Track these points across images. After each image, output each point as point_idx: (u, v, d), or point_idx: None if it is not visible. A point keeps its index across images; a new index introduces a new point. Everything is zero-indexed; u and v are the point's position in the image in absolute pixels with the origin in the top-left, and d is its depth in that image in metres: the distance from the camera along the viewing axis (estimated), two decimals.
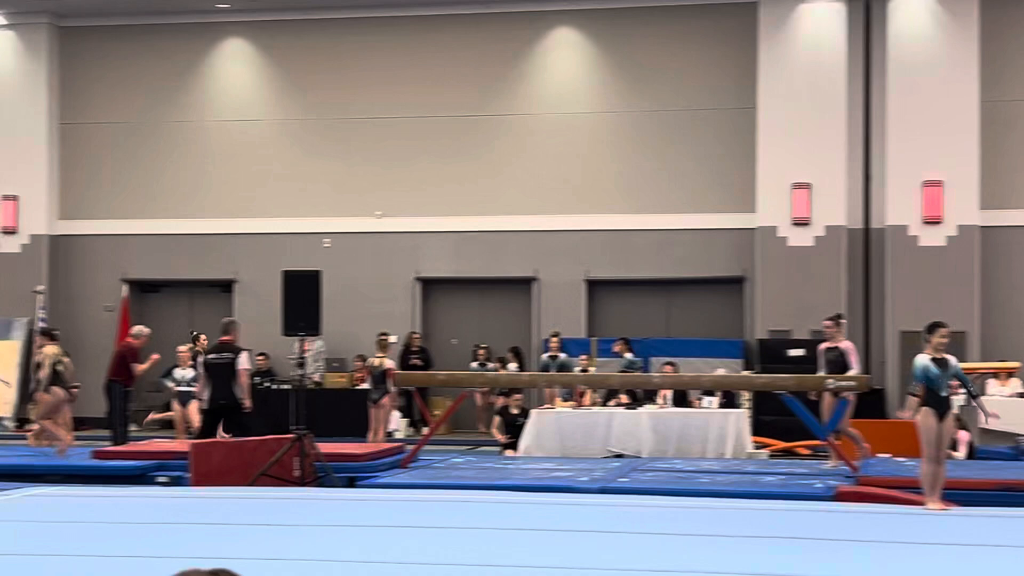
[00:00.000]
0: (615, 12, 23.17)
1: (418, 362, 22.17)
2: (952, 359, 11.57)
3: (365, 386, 21.90)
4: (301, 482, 13.36)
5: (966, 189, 21.13)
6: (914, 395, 11.57)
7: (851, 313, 21.64)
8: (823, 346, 15.09)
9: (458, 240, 23.47)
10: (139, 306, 24.36)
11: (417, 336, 22.82)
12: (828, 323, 15.10)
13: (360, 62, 23.90)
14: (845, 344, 14.79)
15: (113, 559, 8.72)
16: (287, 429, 14.16)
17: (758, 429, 19.40)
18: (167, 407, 19.11)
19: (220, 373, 14.82)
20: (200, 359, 15.80)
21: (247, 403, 14.75)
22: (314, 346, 22.20)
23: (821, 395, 14.75)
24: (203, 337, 18.02)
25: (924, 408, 11.43)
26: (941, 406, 11.40)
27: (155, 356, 18.02)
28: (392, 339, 19.03)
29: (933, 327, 11.58)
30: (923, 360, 11.45)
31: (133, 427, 18.96)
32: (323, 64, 24.05)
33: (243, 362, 14.77)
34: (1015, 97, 21.60)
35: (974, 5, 21.28)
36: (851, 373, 14.51)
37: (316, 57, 24.09)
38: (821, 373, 14.91)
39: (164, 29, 24.43)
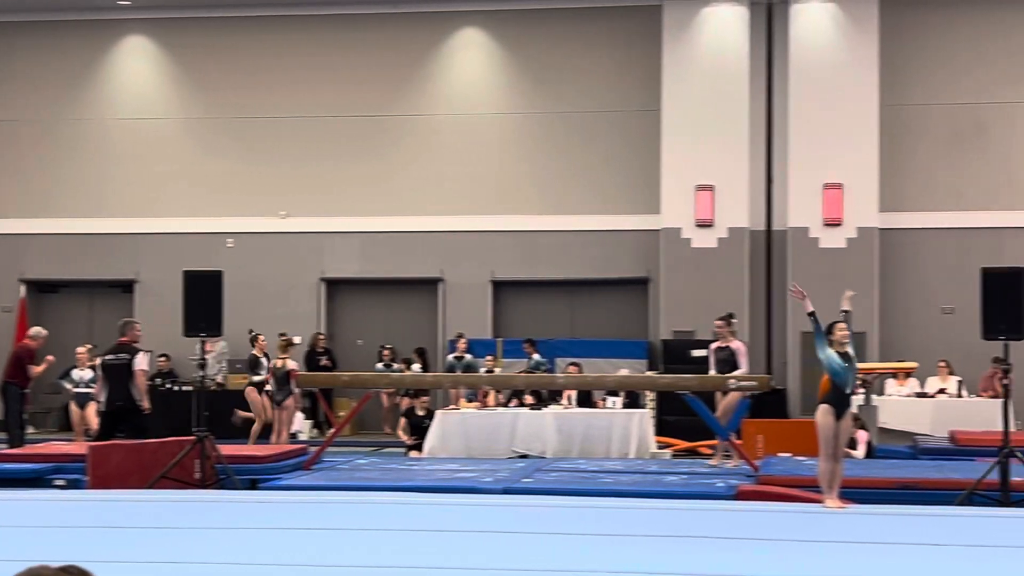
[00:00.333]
0: (521, 14, 23.22)
1: (327, 363, 22.02)
2: (852, 352, 11.70)
3: (270, 388, 21.77)
4: (202, 484, 13.20)
5: (866, 192, 21.45)
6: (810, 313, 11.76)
7: (753, 314, 21.89)
8: (714, 346, 15.20)
9: (364, 240, 23.36)
10: (37, 307, 23.94)
11: (323, 337, 22.67)
12: (719, 323, 15.22)
13: (265, 61, 23.70)
14: (736, 344, 14.88)
15: (7, 563, 8.54)
16: (189, 431, 13.97)
17: (661, 429, 19.54)
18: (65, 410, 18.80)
19: (117, 374, 14.58)
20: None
21: (145, 404, 14.53)
22: (216, 347, 21.94)
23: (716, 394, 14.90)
24: (261, 337, 18.23)
25: (823, 406, 11.55)
26: (841, 404, 11.54)
27: (50, 358, 17.69)
28: (296, 340, 18.88)
29: (831, 326, 11.73)
30: (831, 354, 11.56)
31: (31, 429, 18.62)
32: (227, 62, 23.81)
33: (139, 363, 14.53)
34: (914, 101, 21.97)
35: (874, 11, 21.61)
36: (738, 373, 14.63)
37: (219, 55, 23.84)
38: (712, 372, 15.05)
39: (63, 26, 24.03)
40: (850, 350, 11.64)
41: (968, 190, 21.77)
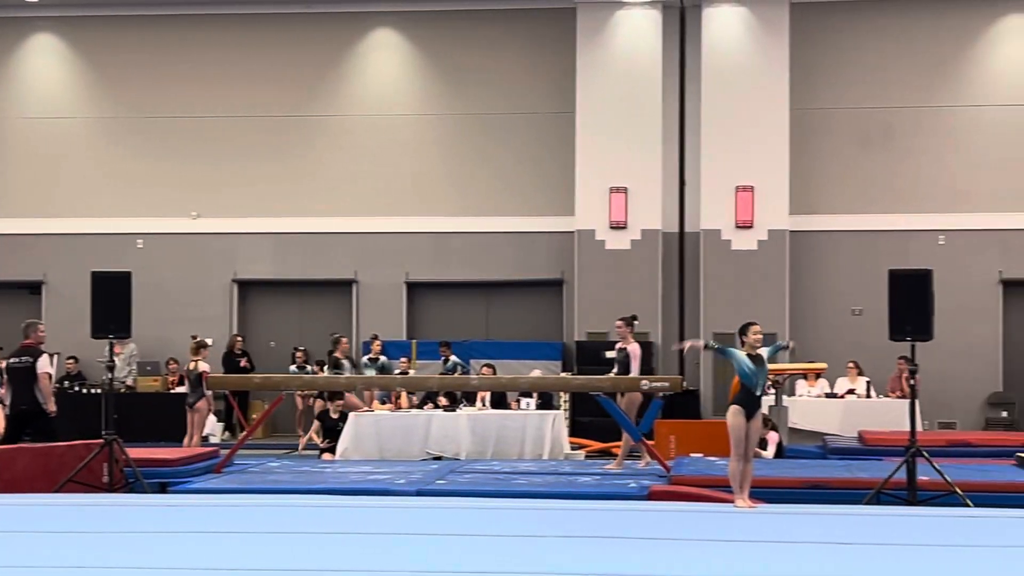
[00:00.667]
0: (435, 15, 23.19)
1: (247, 364, 21.82)
2: (765, 355, 11.79)
3: (181, 390, 21.53)
4: (110, 488, 13.01)
5: (776, 195, 21.68)
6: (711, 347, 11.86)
7: (666, 315, 22.04)
8: (618, 347, 15.25)
9: (276, 241, 23.20)
10: None
11: (240, 339, 22.45)
12: (619, 324, 15.29)
13: (176, 59, 23.45)
14: (632, 347, 14.92)
15: None
16: (97, 434, 13.77)
17: (575, 430, 19.62)
18: None
19: (20, 377, 14.32)
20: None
21: (51, 407, 14.28)
22: (126, 349, 21.68)
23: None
24: (344, 340, 18.60)
25: (734, 407, 11.65)
26: (752, 406, 11.64)
27: None
28: (208, 342, 18.66)
29: (746, 327, 11.82)
30: (741, 356, 11.66)
31: None
32: (137, 61, 23.53)
33: (43, 365, 14.27)
34: (823, 105, 22.25)
35: (784, 15, 21.85)
36: (631, 376, 14.68)
37: (129, 54, 23.55)
38: (611, 374, 15.11)
39: None
40: (763, 352, 11.74)
41: (876, 193, 22.08)
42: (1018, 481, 13.01)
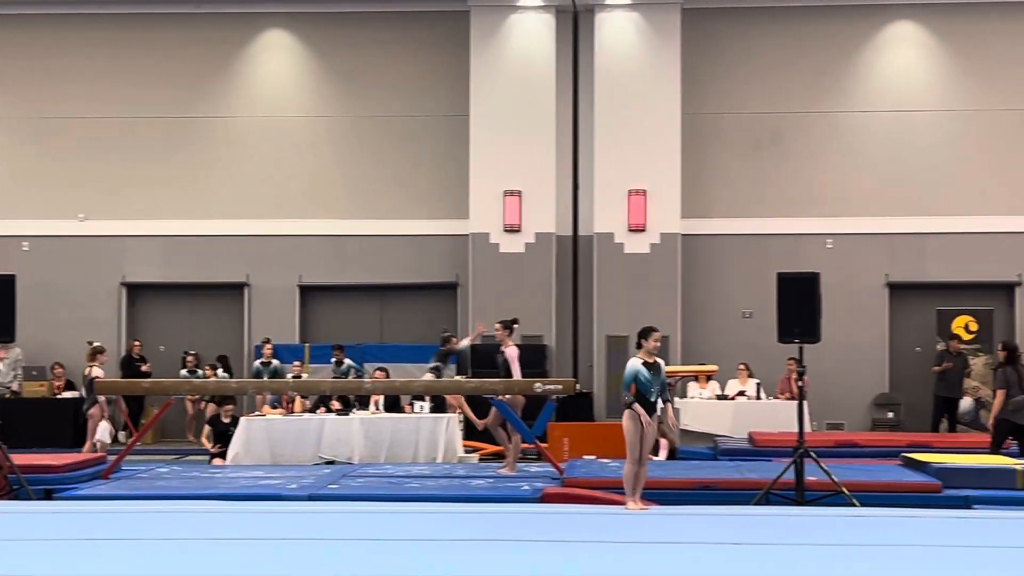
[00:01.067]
0: (328, 16, 23.04)
1: (147, 369, 21.44)
2: (662, 363, 11.86)
3: (68, 395, 21.15)
4: None
5: (668, 198, 21.86)
6: (627, 403, 11.75)
7: (560, 318, 22.11)
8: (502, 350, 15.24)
9: (166, 244, 22.87)
10: None
11: (138, 343, 22.07)
12: (498, 327, 15.33)
13: (63, 59, 23.01)
14: (509, 351, 14.96)
15: None
16: None
17: (469, 433, 19.57)
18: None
19: None
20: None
21: None
22: (11, 354, 21.22)
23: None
24: (454, 339, 18.51)
25: (629, 411, 11.69)
26: (648, 410, 11.67)
27: None
28: (96, 345, 18.33)
29: (647, 331, 11.84)
30: (636, 364, 11.69)
31: None
32: (23, 60, 23.05)
33: None
34: (715, 110, 22.47)
35: (676, 20, 22.04)
36: (514, 379, 14.71)
37: (15, 52, 23.06)
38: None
39: None
40: (659, 360, 11.78)
41: (766, 197, 22.36)
42: (903, 481, 13.26)
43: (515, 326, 15.25)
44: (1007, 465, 13.60)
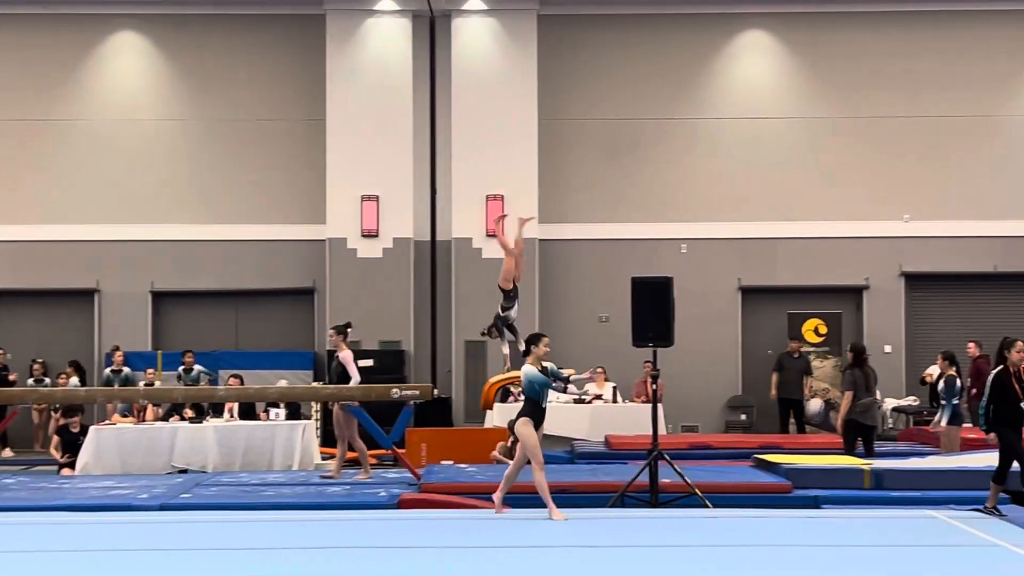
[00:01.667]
0: (181, 19, 22.68)
1: (14, 378, 20.74)
2: (550, 365, 11.77)
3: None
4: None
5: (526, 204, 21.89)
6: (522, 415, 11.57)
7: (418, 324, 22.07)
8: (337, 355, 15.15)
9: (12, 250, 22.28)
10: None
11: (3, 352, 21.38)
12: (331, 332, 15.26)
13: None
14: (344, 354, 14.89)
15: None
16: None
17: (327, 440, 19.41)
18: None
19: None
20: None
21: None
22: None
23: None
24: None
25: (524, 419, 11.56)
26: (540, 416, 11.59)
27: None
28: None
29: (537, 337, 11.71)
30: (533, 371, 11.55)
31: None
32: None
33: None
34: (572, 116, 22.63)
35: (533, 26, 22.15)
36: (353, 383, 14.64)
37: None
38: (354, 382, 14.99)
39: None
40: (549, 364, 11.70)
41: (622, 202, 22.58)
42: (754, 482, 13.49)
43: (348, 330, 15.15)
44: (855, 465, 13.92)
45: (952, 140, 22.46)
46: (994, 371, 12.15)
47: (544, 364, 11.68)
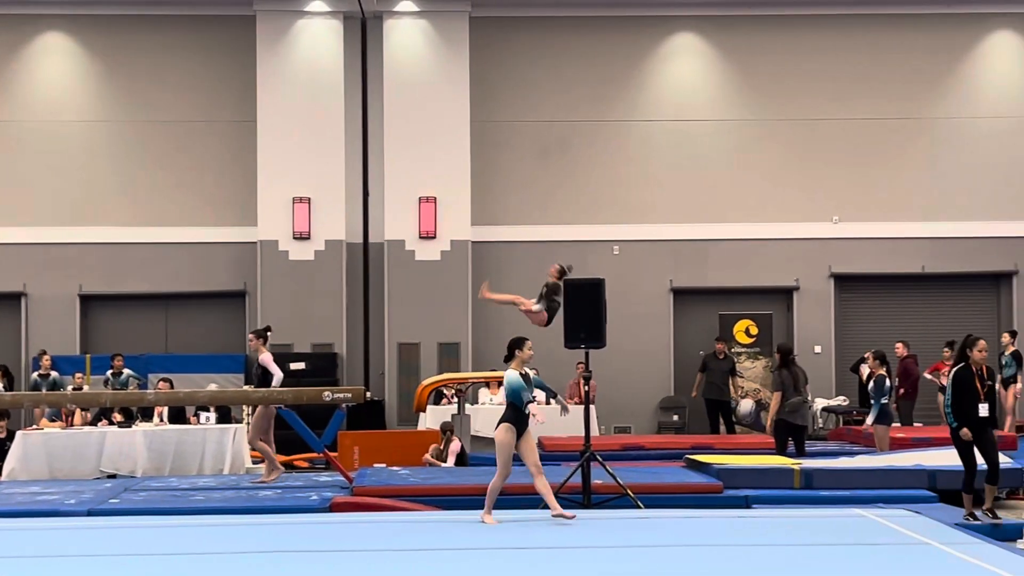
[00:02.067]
0: (109, 19, 22.43)
1: None
2: (534, 375, 11.64)
3: None
4: None
5: (459, 205, 21.94)
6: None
7: (351, 326, 21.98)
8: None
9: None
10: None
11: None
12: (251, 337, 15.18)
13: None
14: (263, 356, 14.82)
15: None
16: None
17: None
18: None
19: None
20: None
21: None
22: None
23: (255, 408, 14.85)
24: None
25: (505, 424, 11.45)
26: (524, 423, 11.49)
27: None
28: None
29: (521, 341, 11.55)
30: (515, 377, 11.38)
31: None
32: None
33: None
34: (504, 118, 22.64)
35: (464, 28, 22.14)
36: (276, 382, 14.54)
37: None
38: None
39: None
40: (528, 370, 11.58)
41: (555, 204, 22.62)
42: (686, 482, 13.56)
43: (268, 334, 15.06)
44: (785, 465, 14.03)
45: (880, 142, 22.72)
46: (955, 368, 12.13)
47: (527, 370, 11.46)
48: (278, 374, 14.53)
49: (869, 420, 16.30)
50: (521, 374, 11.44)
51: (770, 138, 22.76)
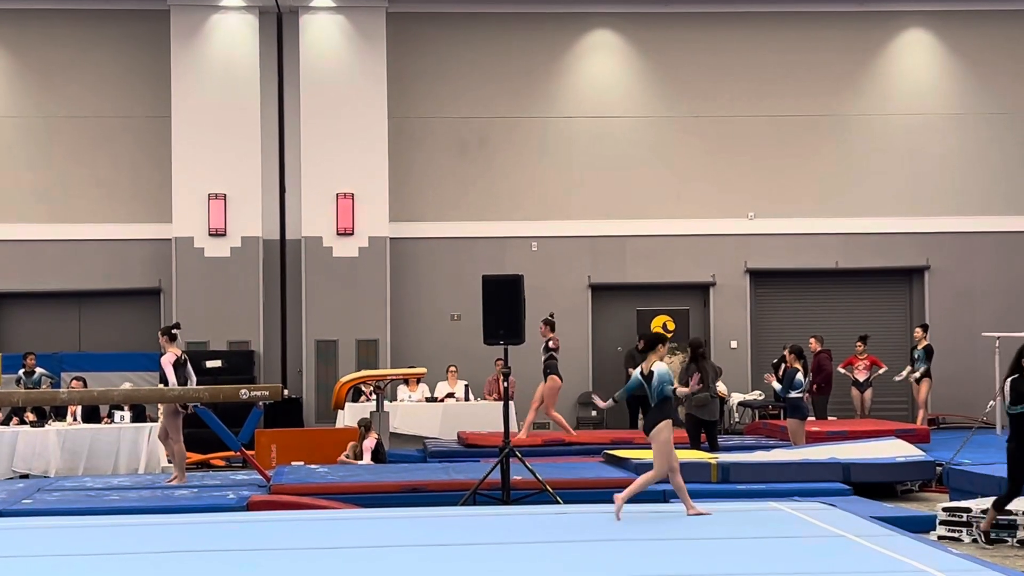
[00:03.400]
0: (21, 13, 22.06)
1: None
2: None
3: None
4: None
5: (376, 202, 21.86)
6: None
7: (268, 323, 21.82)
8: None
9: None
10: None
11: None
12: (160, 335, 15.07)
13: None
14: (164, 357, 14.71)
15: None
16: None
17: None
18: None
19: None
20: None
21: None
22: None
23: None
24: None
25: (666, 421, 11.12)
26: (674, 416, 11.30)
27: None
28: None
29: (662, 337, 11.41)
30: (664, 368, 11.09)
31: None
32: None
33: None
34: (422, 114, 22.59)
35: (382, 24, 22.05)
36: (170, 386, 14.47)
37: None
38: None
39: None
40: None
41: (473, 200, 22.62)
42: (604, 477, 13.62)
43: (175, 331, 14.94)
44: (702, 459, 14.14)
45: (795, 138, 22.97)
46: (1009, 378, 11.31)
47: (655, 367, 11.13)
48: (172, 380, 14.37)
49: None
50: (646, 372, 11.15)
51: (687, 134, 22.92)
